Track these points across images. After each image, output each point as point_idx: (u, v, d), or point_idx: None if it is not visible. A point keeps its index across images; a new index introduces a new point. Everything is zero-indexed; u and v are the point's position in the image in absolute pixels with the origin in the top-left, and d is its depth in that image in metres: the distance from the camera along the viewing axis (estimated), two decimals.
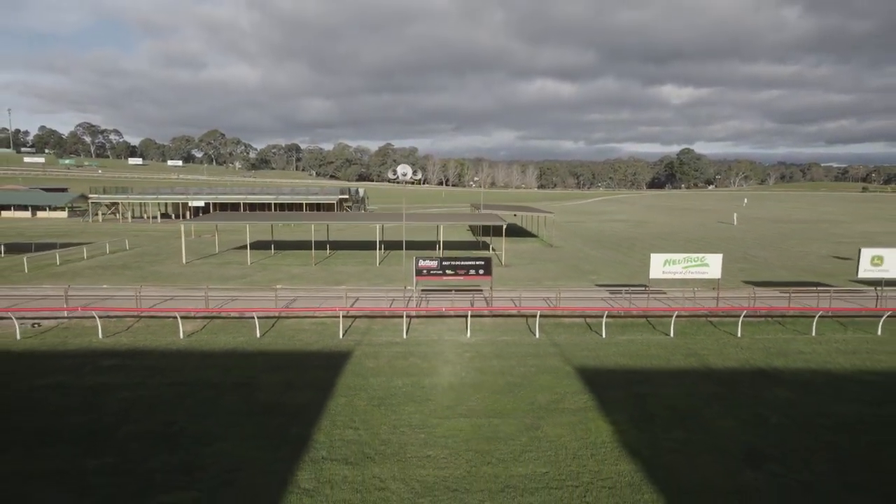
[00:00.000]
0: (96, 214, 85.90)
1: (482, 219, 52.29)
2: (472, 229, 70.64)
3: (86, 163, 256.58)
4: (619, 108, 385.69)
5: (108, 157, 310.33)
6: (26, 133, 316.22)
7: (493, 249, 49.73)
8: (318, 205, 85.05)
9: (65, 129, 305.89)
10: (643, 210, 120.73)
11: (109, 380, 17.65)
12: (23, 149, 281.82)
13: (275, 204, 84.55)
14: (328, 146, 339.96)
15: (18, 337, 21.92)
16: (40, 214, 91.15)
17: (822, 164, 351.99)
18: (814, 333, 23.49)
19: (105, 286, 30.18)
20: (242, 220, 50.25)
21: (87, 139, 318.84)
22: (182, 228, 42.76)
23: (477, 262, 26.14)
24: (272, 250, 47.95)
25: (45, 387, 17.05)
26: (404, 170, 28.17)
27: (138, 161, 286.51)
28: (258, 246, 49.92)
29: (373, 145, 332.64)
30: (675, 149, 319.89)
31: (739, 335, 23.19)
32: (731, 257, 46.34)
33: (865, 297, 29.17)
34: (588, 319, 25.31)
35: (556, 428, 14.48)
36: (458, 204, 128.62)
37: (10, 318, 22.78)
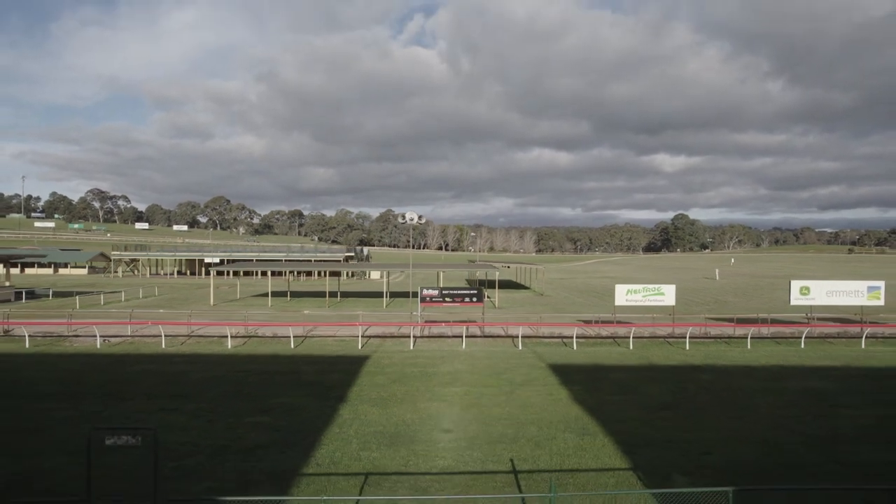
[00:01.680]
0: (116, 271, 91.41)
1: (478, 267, 57.83)
2: (470, 282, 76.04)
3: (94, 227, 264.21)
4: (614, 176, 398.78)
5: (115, 221, 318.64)
6: (37, 199, 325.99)
7: (488, 297, 54.93)
8: (326, 262, 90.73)
9: (74, 196, 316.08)
10: (634, 269, 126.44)
11: (184, 369, 22.68)
12: (33, 214, 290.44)
13: (285, 261, 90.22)
14: (330, 212, 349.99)
15: (98, 346, 27.00)
16: (61, 271, 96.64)
17: (816, 230, 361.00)
18: (749, 346, 28.57)
19: (161, 310, 35.32)
20: (264, 267, 55.73)
21: (97, 205, 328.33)
22: (213, 273, 48.17)
23: (471, 292, 31.50)
24: (288, 297, 53.14)
25: (136, 372, 22.10)
26: (411, 215, 33.97)
27: (145, 226, 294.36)
28: (275, 294, 55.15)
29: (374, 211, 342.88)
30: (670, 215, 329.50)
31: (687, 348, 28.26)
32: (702, 300, 51.65)
33: (801, 323, 34.28)
34: (564, 339, 30.40)
35: (527, 392, 19.48)
36: (457, 263, 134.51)
37: (91, 335, 27.88)
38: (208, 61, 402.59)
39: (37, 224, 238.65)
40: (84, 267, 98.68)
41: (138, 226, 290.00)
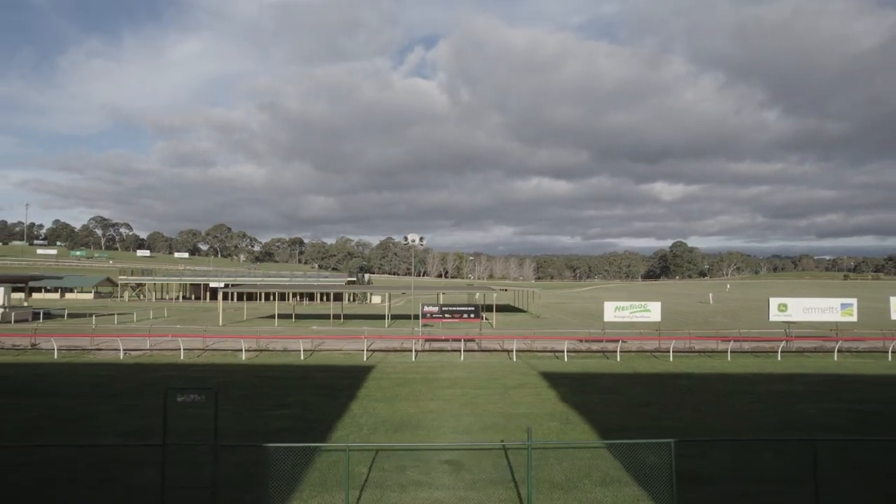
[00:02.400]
0: (122, 295, 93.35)
1: (476, 289, 59.91)
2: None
3: (96, 254, 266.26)
4: (613, 204, 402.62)
5: (117, 249, 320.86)
6: (40, 226, 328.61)
7: (486, 318, 56.86)
8: (329, 286, 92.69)
9: (77, 223, 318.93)
10: (631, 295, 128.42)
11: (204, 375, 24.64)
12: (35, 241, 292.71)
13: (289, 286, 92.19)
14: (330, 240, 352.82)
15: (121, 357, 28.97)
16: (68, 296, 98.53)
17: (815, 257, 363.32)
18: (729, 359, 30.54)
19: (178, 326, 37.29)
20: (270, 289, 57.81)
21: (99, 232, 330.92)
22: (220, 294, 50.23)
23: (469, 308, 33.58)
24: (293, 319, 55.08)
25: (161, 377, 24.06)
26: (413, 236, 36.21)
27: (146, 253, 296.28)
28: (280, 317, 57.06)
29: (374, 239, 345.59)
30: (669, 243, 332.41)
31: (671, 360, 30.21)
32: (693, 321, 53.64)
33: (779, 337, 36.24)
34: (556, 353, 32.35)
35: (519, 393, 21.44)
36: (457, 287, 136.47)
37: (112, 348, 29.85)
38: (211, 91, 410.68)
39: (39, 251, 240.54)
40: (90, 291, 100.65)
41: (140, 253, 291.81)
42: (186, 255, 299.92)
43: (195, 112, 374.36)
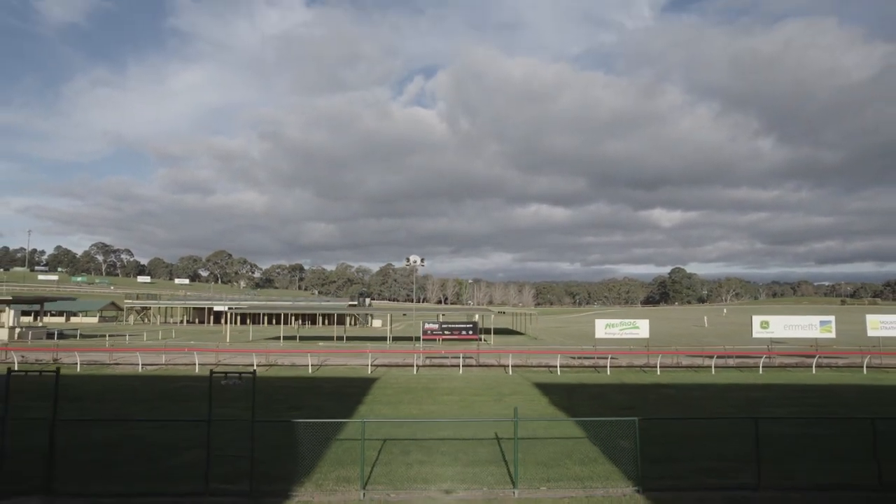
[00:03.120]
0: (127, 318, 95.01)
1: (475, 311, 61.72)
2: None
3: (97, 280, 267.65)
4: (612, 231, 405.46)
5: (118, 275, 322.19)
6: (42, 252, 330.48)
7: (484, 339, 58.61)
8: (332, 308, 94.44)
9: (77, 249, 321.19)
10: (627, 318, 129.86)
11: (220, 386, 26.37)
12: (37, 267, 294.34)
13: (292, 308, 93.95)
14: (330, 266, 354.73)
15: (140, 370, 30.78)
16: (73, 319, 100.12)
17: (815, 283, 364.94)
18: (713, 372, 32.34)
19: (192, 341, 39.10)
20: (275, 311, 59.62)
21: (100, 258, 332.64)
22: (229, 314, 52.08)
23: (467, 325, 35.48)
24: (297, 339, 56.79)
25: (181, 386, 25.88)
26: (414, 258, 38.25)
27: (147, 279, 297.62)
28: (285, 339, 58.81)
29: (374, 266, 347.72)
30: (669, 270, 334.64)
31: (658, 373, 32.00)
32: (685, 342, 55.35)
33: (762, 352, 38.05)
34: (550, 367, 34.14)
35: (513, 399, 23.26)
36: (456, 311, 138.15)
37: (129, 363, 31.65)
38: (213, 119, 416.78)
39: (40, 277, 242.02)
40: (95, 315, 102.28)
41: (140, 279, 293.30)
42: (187, 281, 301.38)
43: (197, 140, 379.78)
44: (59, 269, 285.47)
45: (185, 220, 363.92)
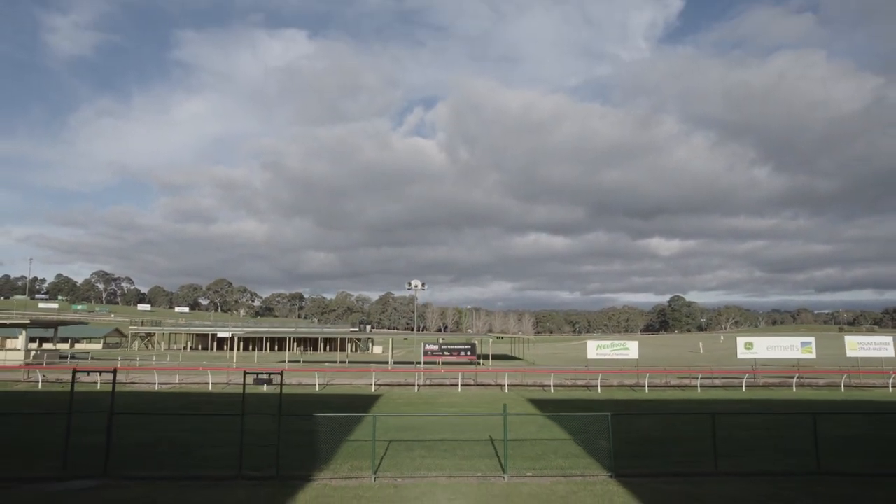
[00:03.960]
0: (132, 345, 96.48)
1: (473, 336, 63.47)
2: None
3: (97, 308, 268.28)
4: (611, 259, 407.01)
5: (118, 303, 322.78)
6: (42, 281, 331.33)
7: (483, 363, 60.26)
8: (331, 338, 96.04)
9: (78, 278, 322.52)
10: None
11: (233, 400, 28.20)
12: (37, 295, 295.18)
13: (294, 333, 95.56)
14: (330, 295, 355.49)
15: (157, 388, 32.58)
16: (77, 346, 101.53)
17: (815, 312, 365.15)
18: (699, 390, 34.13)
19: (204, 362, 40.87)
20: (281, 335, 61.41)
21: (101, 286, 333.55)
22: (235, 340, 53.87)
23: (466, 346, 37.34)
24: (301, 364, 58.45)
25: (201, 400, 27.68)
26: (416, 282, 40.30)
27: (147, 307, 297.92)
28: (290, 362, 60.51)
29: (373, 295, 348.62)
30: (669, 298, 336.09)
31: (647, 391, 33.79)
32: (679, 365, 57.07)
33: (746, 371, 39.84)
34: (544, 387, 35.93)
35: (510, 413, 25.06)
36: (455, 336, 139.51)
37: (145, 381, 33.44)
38: (215, 149, 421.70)
39: (41, 305, 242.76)
40: (100, 342, 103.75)
41: (140, 307, 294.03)
42: (187, 309, 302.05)
43: (199, 170, 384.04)
44: (60, 298, 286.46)
45: (186, 249, 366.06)
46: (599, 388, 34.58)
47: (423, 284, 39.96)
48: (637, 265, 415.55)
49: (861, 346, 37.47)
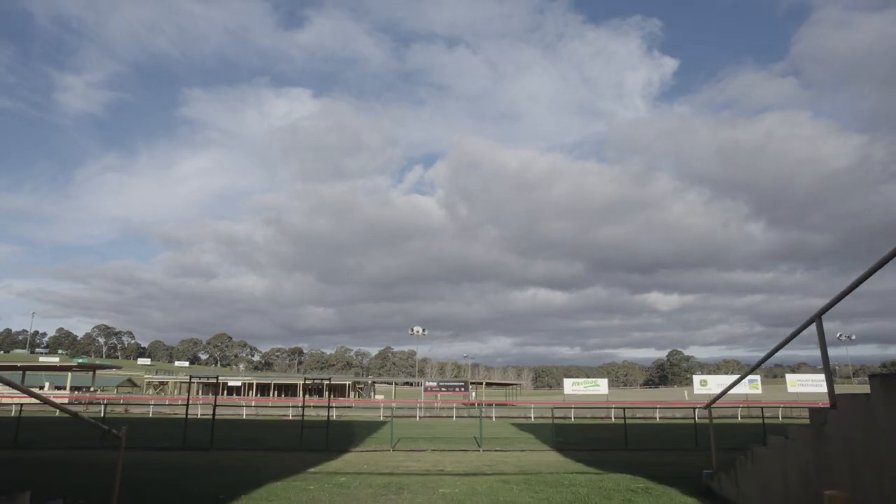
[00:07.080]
0: (146, 393, 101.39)
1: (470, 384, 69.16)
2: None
3: (97, 362, 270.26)
4: (610, 314, 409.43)
5: (118, 357, 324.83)
6: (43, 334, 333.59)
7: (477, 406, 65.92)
8: (335, 385, 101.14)
9: (78, 332, 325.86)
10: (620, 397, 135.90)
11: (263, 425, 34.22)
12: (37, 349, 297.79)
13: (300, 382, 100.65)
14: (329, 350, 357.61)
15: (199, 416, 38.59)
16: None
17: (817, 367, 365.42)
18: (657, 419, 40.07)
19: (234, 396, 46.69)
20: (291, 382, 67.12)
21: (101, 340, 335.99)
22: (252, 387, 59.62)
23: (460, 384, 43.40)
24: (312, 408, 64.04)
25: (233, 424, 33.68)
26: (417, 328, 46.59)
27: (147, 361, 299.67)
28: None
29: (372, 350, 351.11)
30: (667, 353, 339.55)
31: (612, 420, 39.70)
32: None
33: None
34: (527, 417, 41.87)
35: (496, 429, 31.22)
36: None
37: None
38: (218, 204, 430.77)
39: (41, 359, 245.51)
40: (113, 391, 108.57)
41: (140, 361, 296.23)
42: (187, 363, 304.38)
43: (201, 225, 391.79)
44: (60, 351, 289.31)
45: (186, 304, 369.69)
46: (573, 418, 40.51)
47: (423, 330, 46.27)
48: (637, 320, 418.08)
49: (800, 382, 43.56)
